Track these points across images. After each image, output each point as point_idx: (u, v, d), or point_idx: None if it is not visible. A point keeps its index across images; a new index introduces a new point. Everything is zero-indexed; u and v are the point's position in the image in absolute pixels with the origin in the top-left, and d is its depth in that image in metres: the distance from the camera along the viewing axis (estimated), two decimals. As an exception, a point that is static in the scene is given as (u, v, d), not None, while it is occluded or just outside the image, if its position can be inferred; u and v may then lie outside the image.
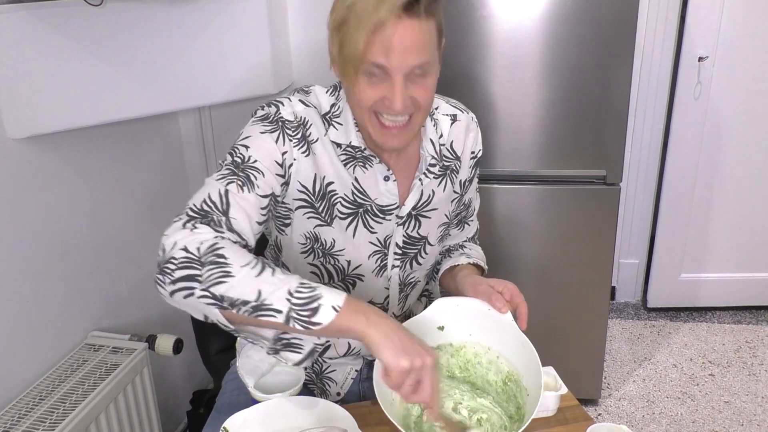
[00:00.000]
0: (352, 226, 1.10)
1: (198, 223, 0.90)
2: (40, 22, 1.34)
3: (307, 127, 1.04)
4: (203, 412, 1.86)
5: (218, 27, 1.64)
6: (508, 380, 1.03)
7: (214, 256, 0.85)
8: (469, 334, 1.08)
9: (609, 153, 1.95)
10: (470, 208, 1.30)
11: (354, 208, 1.09)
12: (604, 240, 2.03)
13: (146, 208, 1.83)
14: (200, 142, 2.05)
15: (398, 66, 0.92)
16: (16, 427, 1.29)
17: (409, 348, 0.85)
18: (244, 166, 0.98)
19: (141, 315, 1.81)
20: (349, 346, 1.20)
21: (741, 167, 2.63)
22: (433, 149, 1.12)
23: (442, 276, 1.26)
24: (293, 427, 0.93)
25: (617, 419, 2.21)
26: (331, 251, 1.11)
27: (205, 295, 0.84)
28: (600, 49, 1.84)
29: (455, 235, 1.31)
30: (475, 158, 1.21)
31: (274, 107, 1.04)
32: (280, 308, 0.83)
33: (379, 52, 0.91)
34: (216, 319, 0.87)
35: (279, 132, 1.01)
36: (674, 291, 2.82)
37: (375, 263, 1.14)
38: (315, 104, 1.06)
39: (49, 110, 1.39)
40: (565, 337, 2.14)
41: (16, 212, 1.39)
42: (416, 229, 1.15)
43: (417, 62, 0.93)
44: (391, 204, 1.11)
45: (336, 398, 1.24)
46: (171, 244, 0.87)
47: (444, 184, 1.16)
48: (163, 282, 0.86)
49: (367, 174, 1.08)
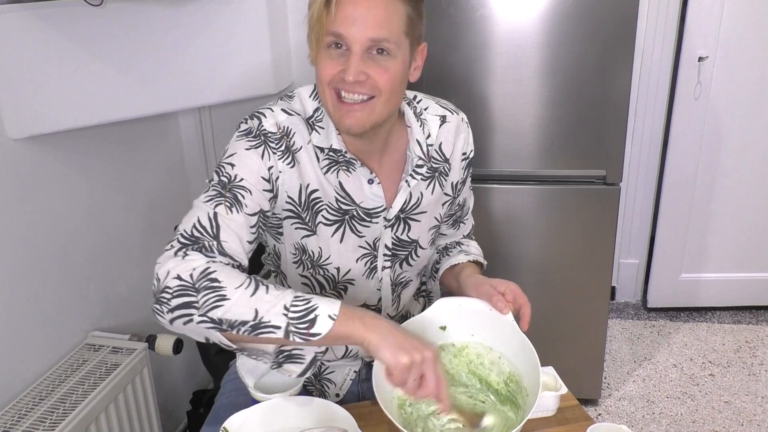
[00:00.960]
0: (339, 232, 1.09)
1: (189, 250, 0.91)
2: (40, 22, 1.33)
3: (290, 136, 1.04)
4: (203, 412, 1.86)
5: (218, 27, 1.64)
6: (509, 381, 1.03)
7: (207, 281, 0.87)
8: (471, 334, 1.07)
9: (609, 153, 1.94)
10: (465, 207, 1.29)
11: (339, 215, 1.09)
12: (604, 240, 2.03)
13: (146, 208, 1.84)
14: (200, 142, 2.05)
15: (356, 36, 0.93)
16: (16, 427, 1.29)
17: (407, 345, 0.86)
18: (230, 185, 0.98)
19: (141, 315, 1.81)
20: (346, 349, 1.20)
21: (741, 167, 2.63)
22: (420, 150, 1.11)
23: (443, 275, 1.26)
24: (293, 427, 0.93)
25: (617, 419, 2.21)
26: (319, 262, 1.11)
27: (204, 321, 0.86)
28: (600, 49, 1.84)
29: (451, 234, 1.31)
30: (467, 159, 1.20)
31: (256, 120, 1.03)
32: (278, 324, 0.85)
33: (338, 21, 0.92)
34: (218, 340, 0.89)
35: (263, 146, 1.01)
36: (674, 291, 2.82)
37: (364, 266, 1.14)
38: (299, 110, 1.06)
39: (49, 110, 1.39)
40: (565, 337, 2.14)
41: (16, 212, 1.39)
42: (406, 232, 1.14)
43: (375, 35, 0.93)
44: (377, 207, 1.10)
45: (335, 399, 1.24)
46: (164, 273, 0.88)
47: (432, 186, 1.15)
48: (161, 311, 0.88)
49: (350, 178, 1.07)
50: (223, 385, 1.25)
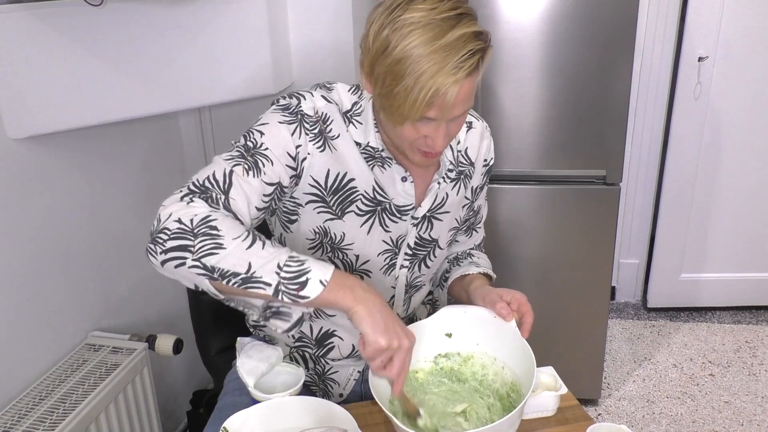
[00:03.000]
0: (368, 223, 1.10)
1: (195, 198, 0.91)
2: (40, 22, 1.33)
3: (327, 123, 1.04)
4: (203, 412, 1.86)
5: (218, 27, 1.64)
6: (511, 391, 1.05)
7: (206, 227, 0.87)
8: (476, 343, 1.10)
9: (609, 153, 1.95)
10: (479, 215, 1.31)
11: (373, 205, 1.10)
12: (604, 240, 2.03)
13: (146, 208, 1.83)
14: (200, 142, 2.05)
15: (448, 118, 0.95)
16: (16, 427, 1.29)
17: (390, 328, 0.88)
18: (254, 151, 0.98)
19: (141, 315, 1.81)
20: (353, 348, 1.20)
21: (741, 167, 2.63)
22: (451, 155, 1.14)
23: (452, 285, 1.27)
24: (293, 427, 0.93)
25: (617, 419, 2.21)
26: (341, 245, 1.11)
27: (196, 266, 0.86)
28: (600, 49, 1.84)
29: (463, 241, 1.32)
30: (487, 166, 1.23)
31: (295, 99, 1.04)
32: (269, 281, 0.85)
33: (434, 112, 0.92)
34: (206, 288, 0.88)
35: (297, 125, 1.02)
36: (674, 291, 2.82)
37: (384, 261, 1.15)
38: (336, 101, 1.07)
39: (49, 110, 1.39)
40: (565, 337, 2.14)
41: (16, 212, 1.39)
42: (428, 231, 1.16)
43: (463, 111, 0.96)
44: (408, 204, 1.12)
45: (338, 399, 1.24)
46: (166, 215, 0.88)
47: (458, 188, 1.18)
48: (154, 251, 0.88)
49: (385, 174, 1.09)
50: (225, 384, 1.25)
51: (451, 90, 0.88)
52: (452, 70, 0.88)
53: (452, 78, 0.88)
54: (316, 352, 1.22)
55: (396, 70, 0.89)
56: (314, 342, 1.21)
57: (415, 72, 0.88)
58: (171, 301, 1.91)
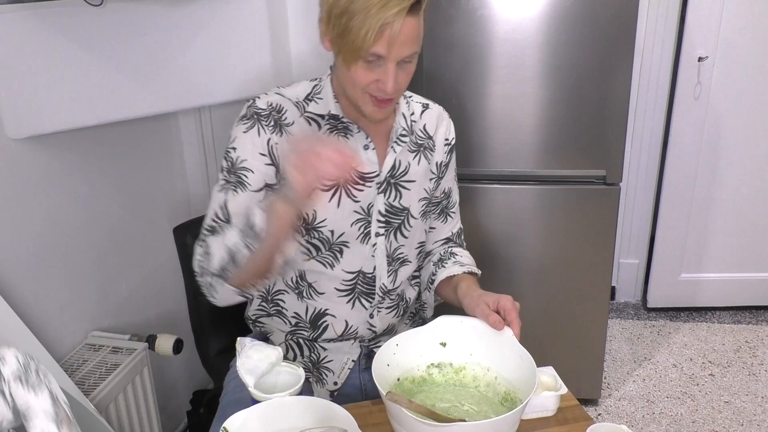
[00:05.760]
0: (335, 197, 1.17)
1: (207, 238, 1.09)
2: (40, 22, 1.33)
3: (281, 113, 1.15)
4: (203, 412, 1.86)
5: (218, 27, 1.64)
6: (504, 401, 1.05)
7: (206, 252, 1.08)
8: (469, 353, 1.10)
9: (609, 153, 1.95)
10: (450, 198, 1.36)
11: None
12: (604, 240, 2.03)
13: (146, 208, 1.83)
14: (200, 142, 2.05)
15: (395, 56, 1.03)
16: (16, 427, 1.29)
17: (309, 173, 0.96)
18: (235, 168, 1.13)
19: (141, 315, 1.81)
20: (346, 324, 1.24)
21: (741, 167, 2.63)
22: (404, 122, 1.23)
23: (439, 286, 1.30)
24: (293, 427, 0.93)
25: (617, 419, 2.21)
26: (314, 224, 1.18)
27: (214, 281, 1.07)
28: (600, 49, 1.84)
29: (439, 227, 1.36)
30: (449, 145, 1.31)
31: (251, 101, 1.16)
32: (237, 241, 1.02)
33: (381, 46, 1.01)
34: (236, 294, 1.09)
35: (256, 125, 1.14)
36: (674, 291, 2.82)
37: (359, 230, 1.20)
38: (290, 96, 1.18)
39: (49, 110, 1.39)
40: (565, 337, 2.14)
41: (16, 212, 1.39)
42: (398, 199, 1.23)
43: (410, 52, 1.05)
44: (372, 172, 1.19)
45: (333, 388, 1.26)
46: (196, 267, 1.10)
47: (419, 158, 1.25)
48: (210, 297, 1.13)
49: (348, 143, 1.17)
50: (226, 384, 1.26)
51: (396, 21, 0.99)
52: (397, 3, 0.98)
53: (396, 8, 0.98)
54: (311, 334, 1.25)
55: (350, 9, 1.00)
56: (309, 323, 1.25)
57: (365, 8, 0.98)
58: (171, 301, 1.91)
